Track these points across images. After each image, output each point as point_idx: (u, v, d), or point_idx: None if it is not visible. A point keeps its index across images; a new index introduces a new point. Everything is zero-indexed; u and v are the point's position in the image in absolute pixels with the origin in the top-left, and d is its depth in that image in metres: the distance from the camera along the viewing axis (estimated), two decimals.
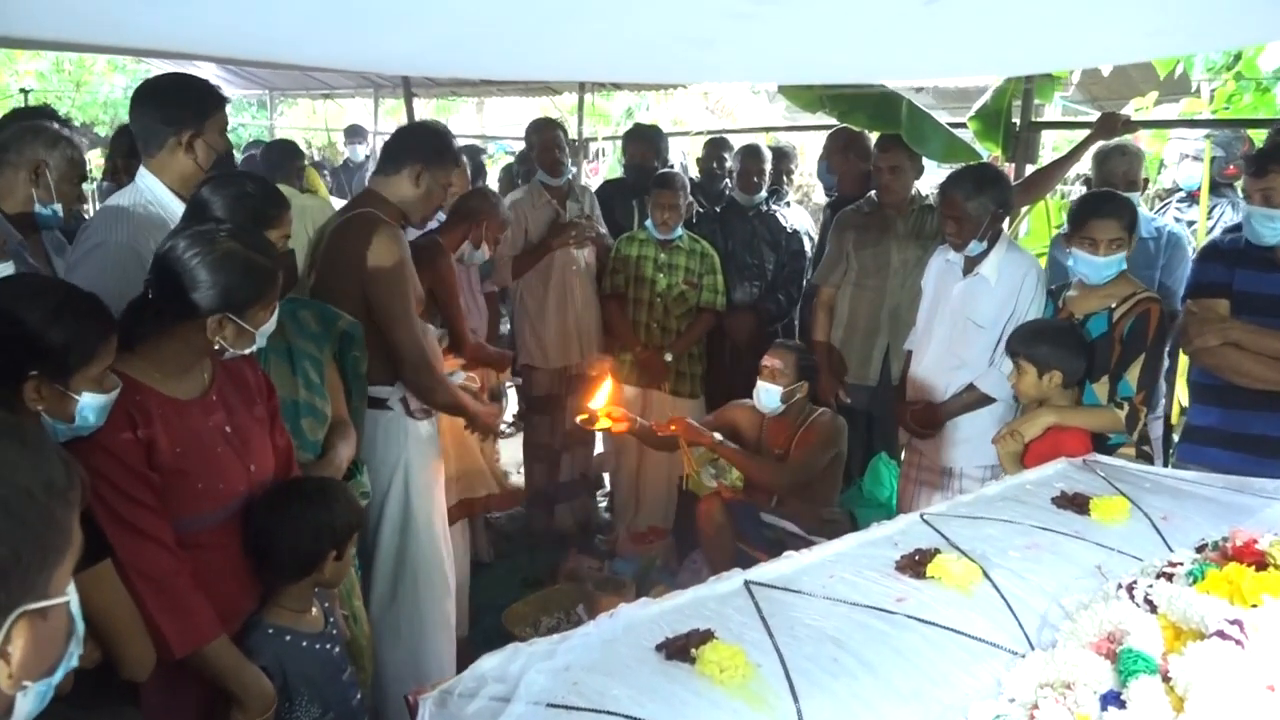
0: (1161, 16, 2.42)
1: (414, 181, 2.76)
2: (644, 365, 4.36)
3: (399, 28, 2.34)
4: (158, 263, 1.83)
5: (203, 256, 1.79)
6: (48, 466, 0.90)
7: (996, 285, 3.21)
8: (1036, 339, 2.85)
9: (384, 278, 2.63)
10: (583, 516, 4.77)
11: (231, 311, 1.81)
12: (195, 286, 1.78)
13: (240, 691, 1.86)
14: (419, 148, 2.79)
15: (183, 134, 2.30)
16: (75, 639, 0.96)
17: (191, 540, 1.86)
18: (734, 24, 2.20)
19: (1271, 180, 2.57)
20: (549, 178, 4.48)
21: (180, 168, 2.33)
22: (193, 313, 1.80)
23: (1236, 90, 5.74)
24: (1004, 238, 3.28)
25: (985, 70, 4.08)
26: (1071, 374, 2.81)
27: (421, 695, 1.42)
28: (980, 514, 2.08)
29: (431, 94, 9.75)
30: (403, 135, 2.95)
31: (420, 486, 2.83)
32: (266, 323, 1.90)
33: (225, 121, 2.40)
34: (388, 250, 2.63)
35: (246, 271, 1.83)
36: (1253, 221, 2.63)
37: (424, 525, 2.84)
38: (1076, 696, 1.33)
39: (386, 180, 2.79)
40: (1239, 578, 1.54)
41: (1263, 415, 2.65)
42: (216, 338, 1.82)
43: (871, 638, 1.54)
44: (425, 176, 2.76)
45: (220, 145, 2.38)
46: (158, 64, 8.81)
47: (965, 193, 3.14)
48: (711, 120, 12.43)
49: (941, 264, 3.42)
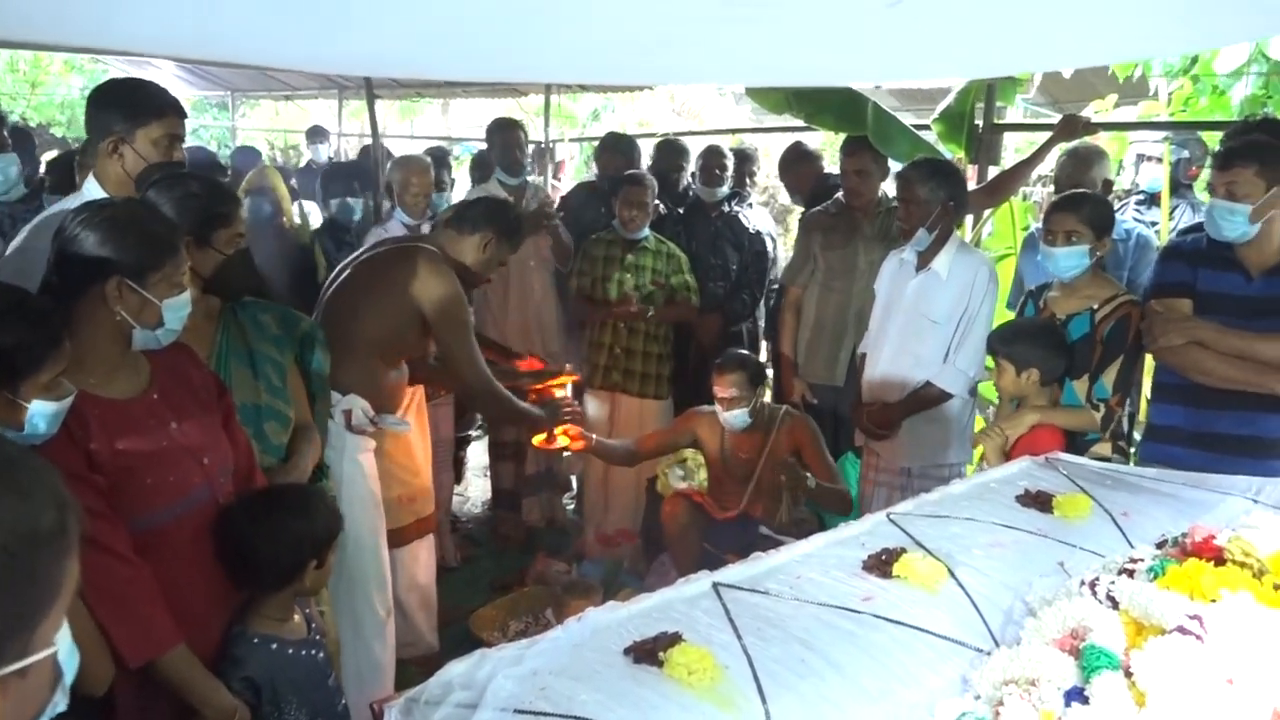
0: (1121, 21, 2.46)
1: (482, 248, 3.02)
2: (623, 318, 4.33)
3: (360, 28, 2.32)
4: (54, 243, 1.80)
5: (88, 221, 1.76)
6: (33, 514, 0.81)
7: (949, 281, 3.26)
8: (1015, 337, 2.89)
9: (449, 315, 2.89)
10: (550, 513, 4.75)
11: (127, 275, 1.77)
12: (84, 250, 1.75)
13: (198, 704, 1.83)
14: (496, 220, 3.04)
15: (110, 141, 2.28)
16: (61, 688, 0.88)
17: (151, 540, 1.82)
18: (699, 26, 2.20)
19: (1235, 174, 2.59)
20: (507, 177, 4.47)
21: (113, 174, 2.30)
22: (87, 280, 1.75)
23: (1193, 93, 5.83)
24: (955, 237, 3.34)
25: (949, 72, 4.12)
26: (1049, 372, 2.85)
27: (387, 703, 1.41)
28: (946, 513, 2.09)
29: (396, 95, 9.67)
30: (486, 203, 3.15)
31: (354, 501, 2.77)
32: (173, 299, 1.84)
33: (168, 131, 2.33)
34: (453, 287, 2.90)
35: (137, 232, 1.79)
36: (1214, 214, 2.65)
37: (352, 544, 2.77)
38: (1041, 693, 1.35)
39: (458, 237, 3.02)
40: (1198, 573, 1.56)
41: (1224, 414, 2.68)
42: (118, 308, 1.77)
43: (839, 637, 1.54)
44: (493, 247, 3.03)
45: (154, 155, 2.32)
46: (116, 65, 8.70)
47: (919, 176, 3.23)
48: (678, 122, 12.45)
49: (895, 264, 3.47)
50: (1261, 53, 5.23)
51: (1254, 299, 2.66)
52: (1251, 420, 2.67)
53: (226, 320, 2.30)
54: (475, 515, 4.99)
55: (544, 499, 4.72)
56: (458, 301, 2.91)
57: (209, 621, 1.95)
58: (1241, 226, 2.61)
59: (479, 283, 3.17)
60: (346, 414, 2.80)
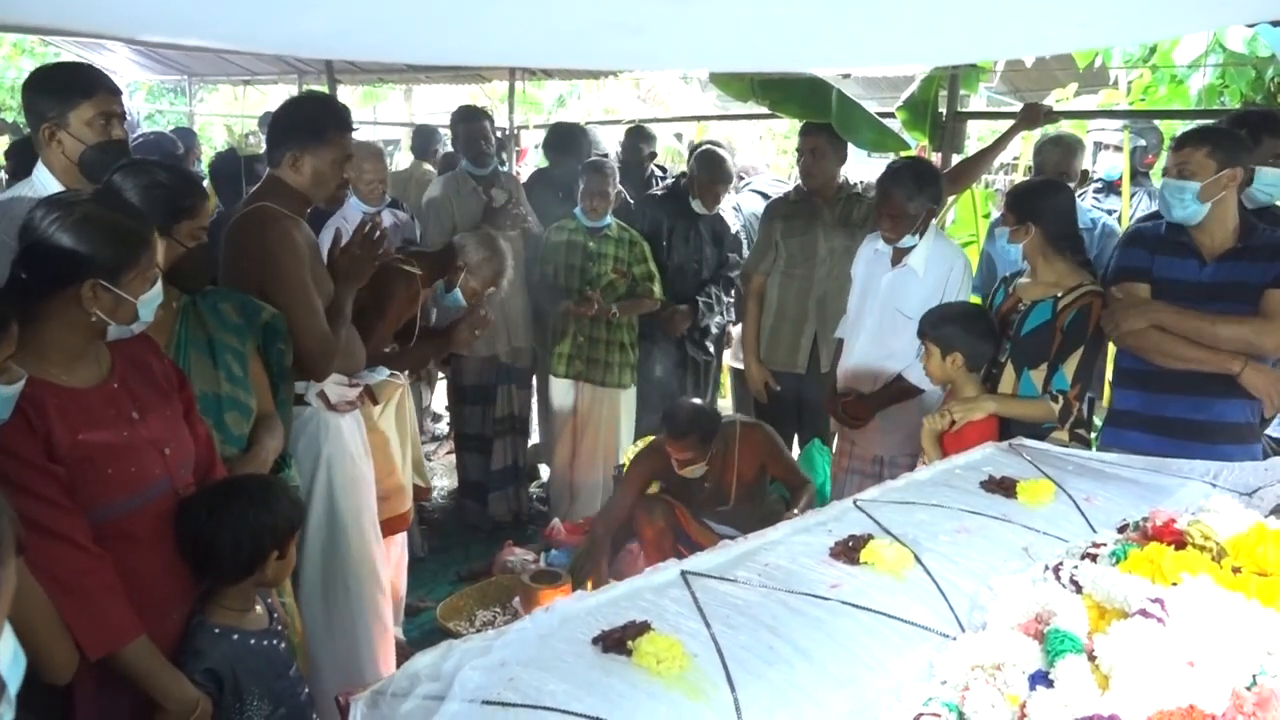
0: (1082, 10, 2.47)
1: (294, 168, 2.59)
2: (588, 316, 4.28)
3: (319, 8, 2.27)
4: (21, 238, 1.76)
5: (61, 221, 1.72)
6: None
7: (925, 276, 3.28)
8: (942, 321, 2.95)
9: (276, 272, 2.49)
10: (516, 506, 4.73)
11: (102, 277, 1.74)
12: (58, 253, 1.71)
13: (160, 696, 1.80)
14: (290, 131, 2.60)
15: (45, 128, 2.23)
16: (6, 700, 0.86)
17: (111, 530, 1.79)
18: (662, 10, 2.18)
19: (1187, 154, 2.64)
20: (474, 168, 4.42)
21: (57, 161, 2.26)
22: (61, 283, 1.72)
23: (1152, 82, 5.91)
24: (933, 228, 3.34)
25: (913, 60, 4.13)
26: (974, 357, 2.89)
27: (353, 696, 1.39)
28: (912, 499, 2.11)
29: (357, 80, 9.53)
30: (275, 118, 2.73)
31: (344, 482, 2.74)
32: (147, 293, 1.82)
33: (101, 109, 2.28)
34: (277, 244, 2.50)
35: (111, 233, 1.76)
36: (1165, 194, 2.70)
37: (352, 522, 2.77)
38: (1006, 677, 1.36)
39: (275, 174, 2.63)
40: (1159, 557, 1.59)
41: (1181, 399, 2.73)
42: (93, 309, 1.75)
43: (807, 624, 1.55)
44: (307, 160, 2.58)
45: (90, 135, 2.27)
46: (68, 47, 8.50)
47: (907, 192, 3.19)
48: (643, 109, 12.43)
49: (871, 253, 3.47)
50: (1219, 43, 5.30)
51: (1207, 285, 2.71)
52: (1206, 406, 2.73)
53: (186, 310, 2.25)
54: (442, 506, 4.96)
55: (510, 493, 4.69)
56: (265, 252, 2.51)
57: (170, 613, 1.92)
58: (1191, 205, 2.65)
59: (330, 201, 2.77)
60: (321, 395, 2.72)
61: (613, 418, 4.46)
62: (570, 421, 4.47)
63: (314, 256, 2.66)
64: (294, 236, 2.56)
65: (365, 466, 2.86)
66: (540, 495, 5.03)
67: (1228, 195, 2.65)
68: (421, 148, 6.42)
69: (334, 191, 2.70)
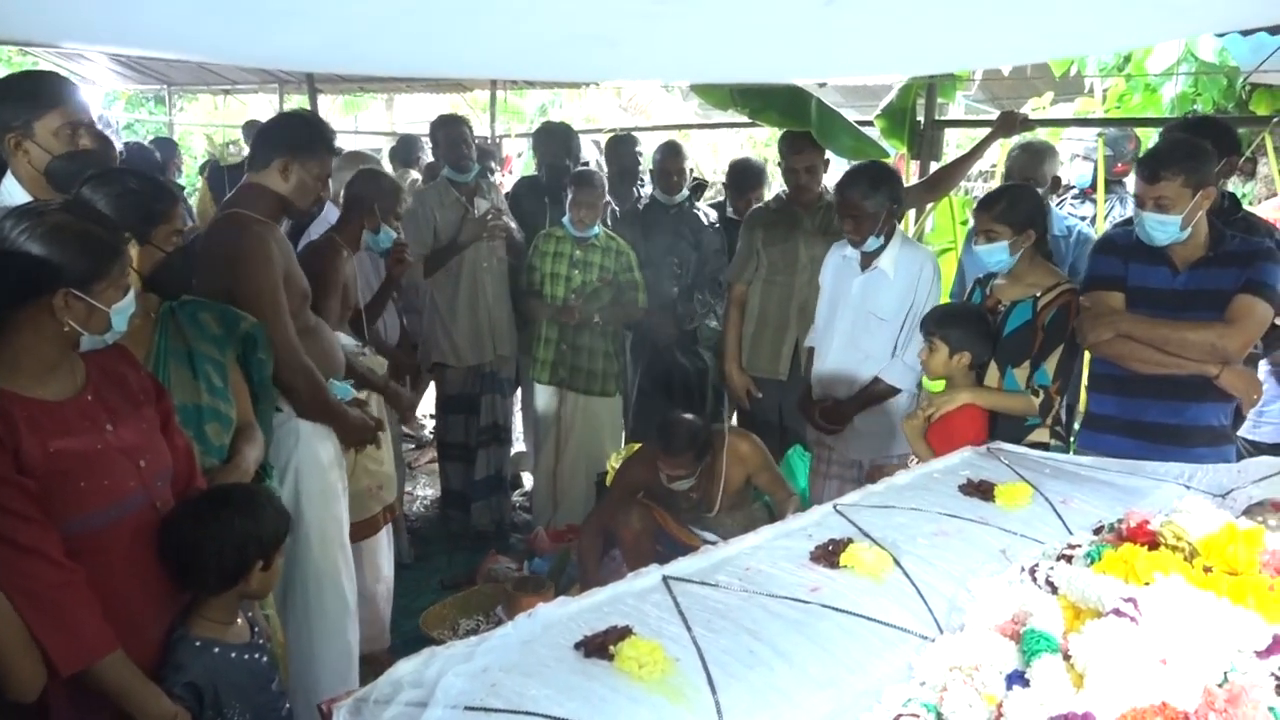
0: (1056, 20, 2.51)
1: (283, 175, 2.67)
2: (570, 324, 4.31)
3: (301, 21, 2.28)
4: None
5: (32, 230, 1.71)
6: None
7: (895, 278, 3.33)
8: (952, 321, 2.98)
9: (246, 277, 2.54)
10: (499, 515, 4.73)
11: (75, 287, 1.73)
12: (29, 262, 1.69)
13: (137, 712, 1.78)
14: (285, 139, 2.70)
15: (10, 138, 2.21)
16: None
17: (86, 544, 1.77)
18: (639, 23, 2.21)
19: (1163, 188, 2.63)
20: (456, 174, 4.42)
21: (24, 171, 2.24)
22: (33, 293, 1.71)
23: (1127, 90, 6.00)
24: (898, 232, 3.40)
25: (889, 69, 4.18)
26: (979, 356, 2.93)
27: (335, 704, 1.39)
28: (891, 503, 2.13)
29: (339, 90, 9.54)
30: (269, 126, 2.85)
31: (311, 493, 2.71)
32: (120, 302, 1.81)
33: (67, 119, 2.26)
34: (251, 249, 2.55)
35: (83, 242, 1.75)
36: (1146, 225, 2.71)
37: (316, 535, 2.72)
38: (983, 677, 1.38)
39: (259, 174, 2.69)
40: (1133, 558, 1.61)
41: (1156, 403, 2.77)
42: (66, 319, 1.73)
43: (787, 628, 1.56)
44: (294, 169, 2.68)
45: (57, 145, 2.25)
46: (46, 57, 8.45)
47: (862, 192, 3.26)
48: (625, 118, 12.44)
49: (838, 260, 3.51)
50: (1191, 53, 5.39)
51: (1180, 292, 2.75)
52: (1180, 410, 2.77)
53: (165, 319, 2.24)
54: (424, 515, 4.95)
55: (493, 503, 4.68)
56: (237, 257, 2.56)
57: (148, 627, 1.90)
58: (1174, 234, 2.69)
59: (306, 209, 2.88)
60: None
61: (597, 426, 4.46)
62: (554, 429, 4.47)
63: (288, 261, 2.69)
64: (267, 241, 2.60)
65: (335, 477, 2.82)
66: (524, 503, 5.03)
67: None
68: (404, 157, 6.43)
69: (311, 204, 2.86)
